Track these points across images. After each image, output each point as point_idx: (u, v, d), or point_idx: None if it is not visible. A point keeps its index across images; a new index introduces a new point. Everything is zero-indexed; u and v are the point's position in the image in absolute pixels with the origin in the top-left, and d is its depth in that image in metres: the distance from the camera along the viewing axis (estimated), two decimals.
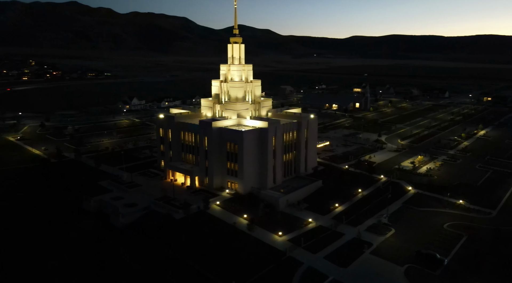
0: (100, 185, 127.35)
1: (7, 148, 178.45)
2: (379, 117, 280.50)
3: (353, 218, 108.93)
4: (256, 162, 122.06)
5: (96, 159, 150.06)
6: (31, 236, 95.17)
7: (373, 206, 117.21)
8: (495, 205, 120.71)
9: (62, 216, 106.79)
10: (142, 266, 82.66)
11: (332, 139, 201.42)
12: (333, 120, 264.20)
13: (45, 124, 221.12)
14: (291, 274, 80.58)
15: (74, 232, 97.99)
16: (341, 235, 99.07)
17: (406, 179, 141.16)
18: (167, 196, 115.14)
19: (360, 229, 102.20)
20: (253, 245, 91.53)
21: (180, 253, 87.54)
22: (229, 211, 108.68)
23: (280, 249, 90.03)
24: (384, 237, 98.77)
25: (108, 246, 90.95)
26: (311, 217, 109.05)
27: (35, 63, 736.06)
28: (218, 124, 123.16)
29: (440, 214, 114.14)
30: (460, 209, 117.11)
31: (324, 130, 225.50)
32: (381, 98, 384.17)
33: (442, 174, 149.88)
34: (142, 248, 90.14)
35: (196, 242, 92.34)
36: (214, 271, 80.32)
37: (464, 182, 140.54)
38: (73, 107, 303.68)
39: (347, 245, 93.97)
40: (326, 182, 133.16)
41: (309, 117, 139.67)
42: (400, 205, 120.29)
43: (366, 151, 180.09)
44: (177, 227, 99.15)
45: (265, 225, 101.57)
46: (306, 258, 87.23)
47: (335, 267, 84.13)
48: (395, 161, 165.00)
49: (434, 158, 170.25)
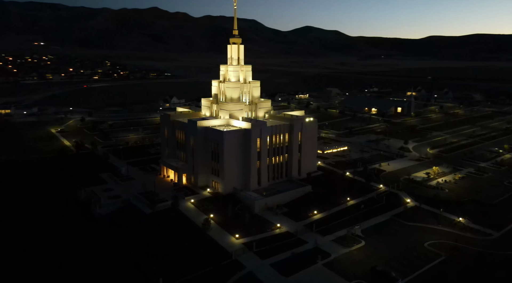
0: (100, 177, 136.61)
1: (45, 138, 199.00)
2: (420, 123, 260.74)
3: (326, 227, 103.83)
4: (239, 163, 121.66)
5: (104, 153, 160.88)
6: (12, 218, 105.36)
7: (354, 217, 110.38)
8: (501, 227, 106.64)
9: (54, 203, 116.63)
10: (91, 254, 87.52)
11: (354, 144, 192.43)
12: (366, 124, 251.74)
13: (85, 119, 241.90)
14: (227, 278, 79.56)
15: (55, 217, 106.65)
16: (303, 243, 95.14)
17: (413, 190, 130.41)
18: (149, 190, 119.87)
19: (326, 239, 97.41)
20: (205, 245, 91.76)
21: (132, 246, 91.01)
22: (200, 210, 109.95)
23: (230, 252, 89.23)
24: (348, 250, 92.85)
25: (72, 232, 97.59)
26: (285, 222, 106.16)
27: (110, 64, 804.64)
28: (203, 124, 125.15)
29: (429, 230, 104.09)
30: (455, 227, 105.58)
31: (350, 135, 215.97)
32: (433, 103, 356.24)
33: (456, 188, 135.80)
34: (103, 238, 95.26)
35: (152, 237, 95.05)
36: (154, 267, 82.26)
37: (477, 198, 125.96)
38: (122, 104, 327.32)
39: (303, 254, 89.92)
40: (317, 188, 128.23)
41: (303, 120, 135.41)
42: (388, 217, 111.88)
43: (383, 158, 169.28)
44: (142, 221, 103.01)
45: (228, 226, 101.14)
46: (251, 263, 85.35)
47: (276, 276, 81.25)
48: (410, 171, 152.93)
49: (458, 170, 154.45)
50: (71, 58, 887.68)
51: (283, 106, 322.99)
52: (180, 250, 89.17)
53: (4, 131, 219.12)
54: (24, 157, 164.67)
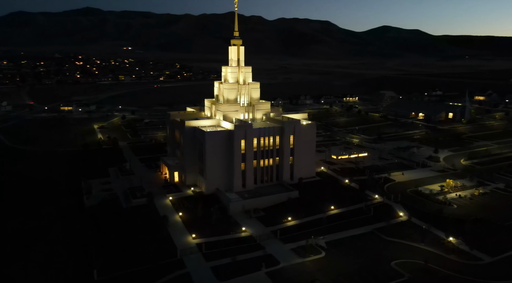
0: (106, 171, 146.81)
1: (85, 133, 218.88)
2: (470, 130, 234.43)
3: (291, 235, 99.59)
4: (223, 164, 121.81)
5: (121, 148, 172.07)
6: (18, 202, 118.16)
7: (329, 227, 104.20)
8: (498, 252, 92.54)
9: (58, 192, 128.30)
10: (58, 240, 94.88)
11: (378, 151, 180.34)
12: (404, 130, 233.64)
13: (126, 117, 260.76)
14: (161, 276, 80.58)
15: (52, 205, 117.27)
16: (259, 249, 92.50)
17: (414, 204, 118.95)
18: (139, 186, 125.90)
19: (286, 247, 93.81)
20: (158, 242, 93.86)
21: (95, 236, 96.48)
22: (175, 207, 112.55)
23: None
24: (302, 260, 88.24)
25: (55, 220, 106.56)
26: (254, 226, 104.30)
27: (179, 66, 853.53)
28: (192, 123, 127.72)
29: (405, 248, 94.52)
30: (439, 248, 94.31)
31: (378, 141, 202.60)
32: (501, 109, 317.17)
33: (469, 205, 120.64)
34: (76, 227, 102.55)
35: (114, 230, 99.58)
36: (101, 259, 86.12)
37: (487, 218, 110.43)
38: (170, 103, 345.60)
39: (251, 260, 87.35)
40: (305, 194, 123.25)
41: (297, 123, 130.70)
42: (369, 230, 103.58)
43: (401, 167, 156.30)
44: (117, 214, 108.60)
45: (192, 225, 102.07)
46: (193, 264, 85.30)
47: (211, 279, 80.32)
48: (423, 182, 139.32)
49: (485, 185, 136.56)
50: (148, 61, 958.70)
51: (324, 109, 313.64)
52: (131, 245, 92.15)
53: (58, 125, 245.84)
54: (58, 149, 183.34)
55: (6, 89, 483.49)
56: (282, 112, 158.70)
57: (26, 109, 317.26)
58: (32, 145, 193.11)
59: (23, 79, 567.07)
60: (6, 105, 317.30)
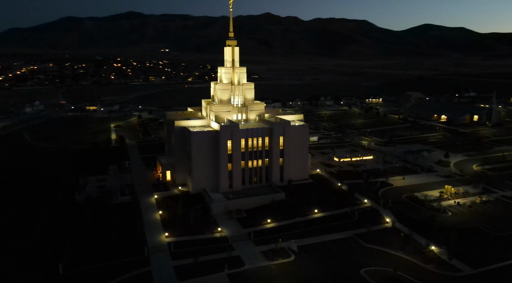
0: (107, 168, 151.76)
1: (101, 132, 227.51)
2: (494, 134, 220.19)
3: (264, 237, 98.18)
4: (210, 164, 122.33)
5: (126, 147, 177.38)
6: (18, 195, 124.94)
7: (308, 230, 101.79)
8: (483, 264, 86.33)
9: (56, 187, 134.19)
10: (40, 232, 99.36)
11: (385, 155, 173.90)
12: (421, 133, 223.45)
13: (142, 116, 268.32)
14: (123, 273, 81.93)
15: (49, 198, 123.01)
16: (231, 250, 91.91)
17: (406, 210, 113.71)
18: (129, 184, 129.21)
19: (258, 249, 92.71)
20: (131, 239, 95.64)
21: (74, 230, 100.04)
22: (158, 206, 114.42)
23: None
24: (268, 263, 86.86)
25: (46, 213, 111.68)
26: (232, 227, 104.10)
27: (210, 67, 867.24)
28: (181, 123, 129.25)
29: (382, 255, 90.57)
30: (419, 257, 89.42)
31: (389, 143, 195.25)
32: None
33: (466, 213, 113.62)
34: (62, 222, 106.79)
35: (95, 225, 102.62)
36: (72, 253, 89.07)
37: (481, 227, 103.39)
38: (191, 103, 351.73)
39: (217, 261, 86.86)
40: (292, 196, 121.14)
41: (286, 124, 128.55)
42: (349, 235, 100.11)
43: (403, 171, 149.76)
44: (102, 211, 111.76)
45: (169, 224, 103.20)
46: (159, 262, 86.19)
47: (171, 278, 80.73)
48: (424, 188, 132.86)
49: (491, 192, 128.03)
50: (181, 63, 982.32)
51: (342, 110, 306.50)
52: (105, 241, 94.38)
53: (79, 124, 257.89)
54: (70, 147, 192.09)
55: (46, 89, 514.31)
56: (281, 113, 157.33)
57: (56, 109, 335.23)
58: (49, 142, 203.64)
59: (62, 80, 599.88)
60: (38, 104, 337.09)
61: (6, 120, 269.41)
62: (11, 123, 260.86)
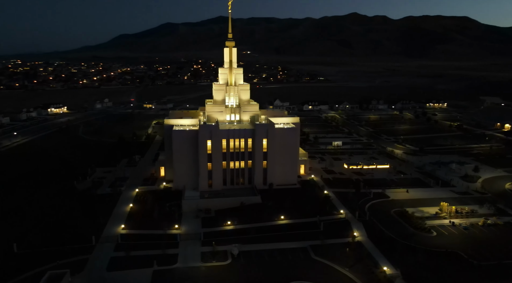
0: (118, 161, 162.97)
1: (140, 128, 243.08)
2: None
3: (213, 239, 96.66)
4: (190, 163, 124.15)
5: (146, 142, 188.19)
6: (32, 181, 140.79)
7: (263, 236, 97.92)
8: None
9: (67, 176, 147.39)
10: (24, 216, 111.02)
11: (400, 164, 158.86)
12: (467, 143, 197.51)
13: None
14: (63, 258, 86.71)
15: (53, 187, 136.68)
16: (169, 248, 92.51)
17: (386, 224, 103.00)
18: (123, 177, 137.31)
19: (201, 249, 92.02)
20: (87, 227, 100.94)
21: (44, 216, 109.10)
22: (135, 199, 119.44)
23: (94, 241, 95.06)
24: (200, 264, 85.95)
25: (41, 197, 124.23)
26: (191, 225, 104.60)
27: (281, 69, 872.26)
28: (170, 122, 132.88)
29: (324, 270, 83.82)
30: (364, 277, 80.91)
31: (418, 153, 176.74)
32: None
33: (457, 235, 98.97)
34: (47, 207, 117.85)
35: (71, 212, 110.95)
36: (30, 236, 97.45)
37: (467, 253, 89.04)
38: None
39: (151, 257, 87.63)
40: (268, 200, 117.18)
41: (270, 127, 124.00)
42: (304, 245, 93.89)
43: (413, 184, 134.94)
44: (85, 199, 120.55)
45: (133, 217, 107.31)
46: (102, 252, 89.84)
47: (101, 268, 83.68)
48: (423, 203, 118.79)
49: (506, 215, 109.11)
50: (255, 64, 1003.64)
51: (390, 115, 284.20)
52: (67, 227, 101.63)
53: (128, 120, 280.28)
54: (105, 140, 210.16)
55: (125, 88, 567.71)
56: (287, 114, 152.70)
57: (121, 106, 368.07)
58: (93, 135, 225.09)
59: (141, 81, 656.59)
60: (108, 101, 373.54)
61: (73, 115, 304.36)
62: (76, 117, 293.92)
